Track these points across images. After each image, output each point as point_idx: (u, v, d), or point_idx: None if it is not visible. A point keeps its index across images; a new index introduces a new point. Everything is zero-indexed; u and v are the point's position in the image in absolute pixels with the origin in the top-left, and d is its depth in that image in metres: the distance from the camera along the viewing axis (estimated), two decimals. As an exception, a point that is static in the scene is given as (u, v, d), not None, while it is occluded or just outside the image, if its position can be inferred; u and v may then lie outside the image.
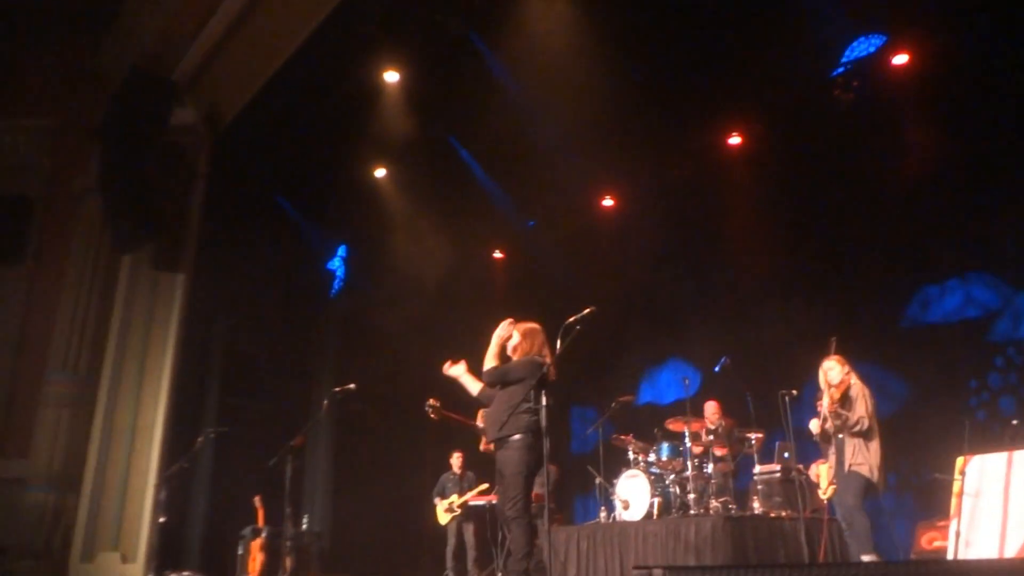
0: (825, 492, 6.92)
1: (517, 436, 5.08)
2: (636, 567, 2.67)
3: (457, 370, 5.71)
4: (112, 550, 8.13)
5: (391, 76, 10.10)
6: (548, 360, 5.23)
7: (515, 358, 5.38)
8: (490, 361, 5.33)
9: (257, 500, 9.15)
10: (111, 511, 8.28)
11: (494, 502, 9.13)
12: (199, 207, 9.54)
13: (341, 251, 12.92)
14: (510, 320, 5.48)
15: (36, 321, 9.34)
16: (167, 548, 8.52)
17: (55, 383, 8.84)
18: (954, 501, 5.95)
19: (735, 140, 10.79)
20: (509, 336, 5.42)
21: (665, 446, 8.52)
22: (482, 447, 6.55)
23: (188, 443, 8.64)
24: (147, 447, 8.50)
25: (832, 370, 6.27)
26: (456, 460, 9.86)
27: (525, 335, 5.40)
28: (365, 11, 9.10)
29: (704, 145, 10.95)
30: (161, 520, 8.32)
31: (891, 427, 6.59)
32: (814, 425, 6.42)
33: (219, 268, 10.07)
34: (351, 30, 9.34)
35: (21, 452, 8.74)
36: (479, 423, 6.69)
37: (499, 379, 5.29)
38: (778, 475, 7.99)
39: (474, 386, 5.61)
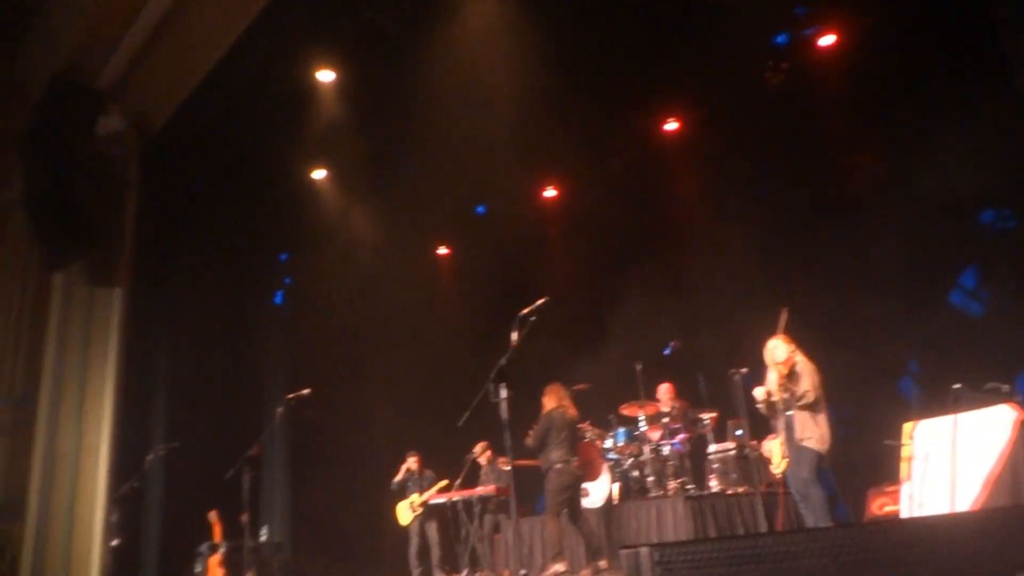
0: (778, 467, 7.07)
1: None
2: (623, 547, 2.68)
3: None
4: (62, 578, 7.86)
5: (325, 75, 9.91)
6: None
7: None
8: None
9: (212, 515, 8.94)
10: (59, 538, 7.95)
11: (456, 499, 9.12)
12: (133, 218, 9.24)
13: (283, 256, 12.69)
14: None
15: (-36, 346, 8.97)
16: (122, 571, 8.28)
17: (-9, 411, 8.51)
18: (904, 465, 6.14)
19: (672, 126, 10.97)
20: None
21: (621, 431, 8.62)
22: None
23: (138, 462, 8.43)
24: (93, 470, 8.18)
25: (777, 348, 6.41)
26: (412, 461, 9.79)
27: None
28: (295, 10, 8.92)
29: (641, 132, 11.07)
30: (114, 543, 8.08)
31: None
32: (759, 392, 6.53)
33: (159, 280, 9.79)
34: (282, 30, 9.14)
35: (-41, 485, 8.40)
36: None
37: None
38: (733, 453, 8.15)
39: None
